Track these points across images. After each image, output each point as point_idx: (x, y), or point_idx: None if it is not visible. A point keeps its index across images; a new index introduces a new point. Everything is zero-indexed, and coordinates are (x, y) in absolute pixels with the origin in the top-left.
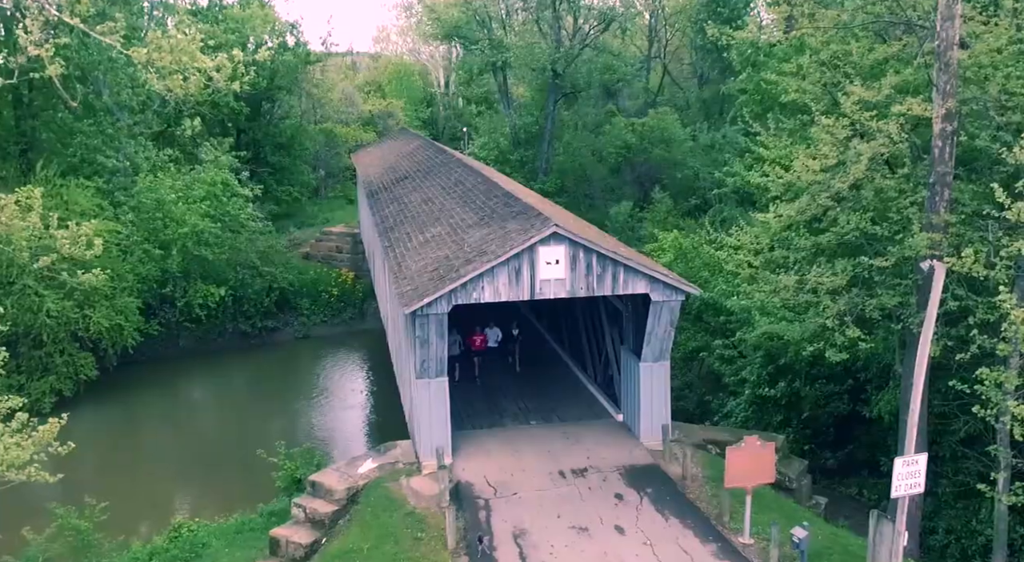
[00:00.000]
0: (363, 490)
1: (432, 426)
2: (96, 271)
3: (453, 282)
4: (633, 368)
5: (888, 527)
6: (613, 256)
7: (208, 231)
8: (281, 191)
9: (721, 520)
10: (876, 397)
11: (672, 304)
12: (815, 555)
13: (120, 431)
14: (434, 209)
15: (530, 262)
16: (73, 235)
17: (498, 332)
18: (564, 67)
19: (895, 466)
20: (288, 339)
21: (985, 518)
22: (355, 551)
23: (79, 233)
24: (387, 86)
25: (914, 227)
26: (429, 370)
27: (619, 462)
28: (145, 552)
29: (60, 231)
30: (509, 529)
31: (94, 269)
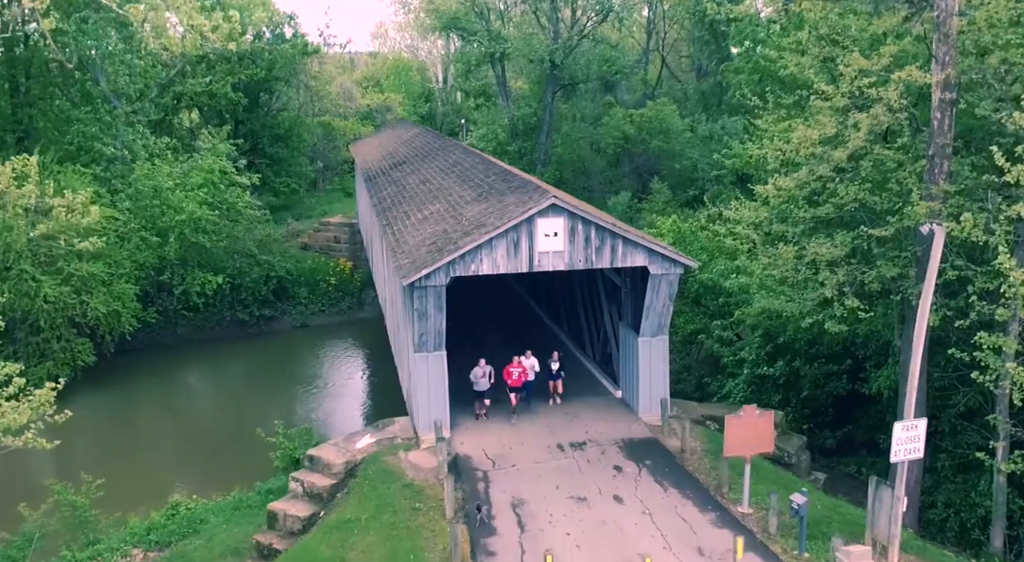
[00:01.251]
0: (361, 464)
1: (431, 400)
2: (93, 239)
3: (451, 254)
4: (632, 344)
5: (887, 493)
6: (612, 228)
7: (206, 218)
8: (279, 183)
9: (720, 491)
10: (875, 374)
11: (671, 277)
12: (814, 523)
13: (117, 417)
14: (432, 188)
15: (528, 234)
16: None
17: (535, 363)
18: (562, 58)
19: (894, 431)
20: (286, 328)
21: (984, 490)
22: (353, 521)
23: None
24: (385, 81)
25: (914, 196)
26: (427, 344)
27: (618, 436)
28: (143, 528)
29: (57, 199)
30: (507, 499)
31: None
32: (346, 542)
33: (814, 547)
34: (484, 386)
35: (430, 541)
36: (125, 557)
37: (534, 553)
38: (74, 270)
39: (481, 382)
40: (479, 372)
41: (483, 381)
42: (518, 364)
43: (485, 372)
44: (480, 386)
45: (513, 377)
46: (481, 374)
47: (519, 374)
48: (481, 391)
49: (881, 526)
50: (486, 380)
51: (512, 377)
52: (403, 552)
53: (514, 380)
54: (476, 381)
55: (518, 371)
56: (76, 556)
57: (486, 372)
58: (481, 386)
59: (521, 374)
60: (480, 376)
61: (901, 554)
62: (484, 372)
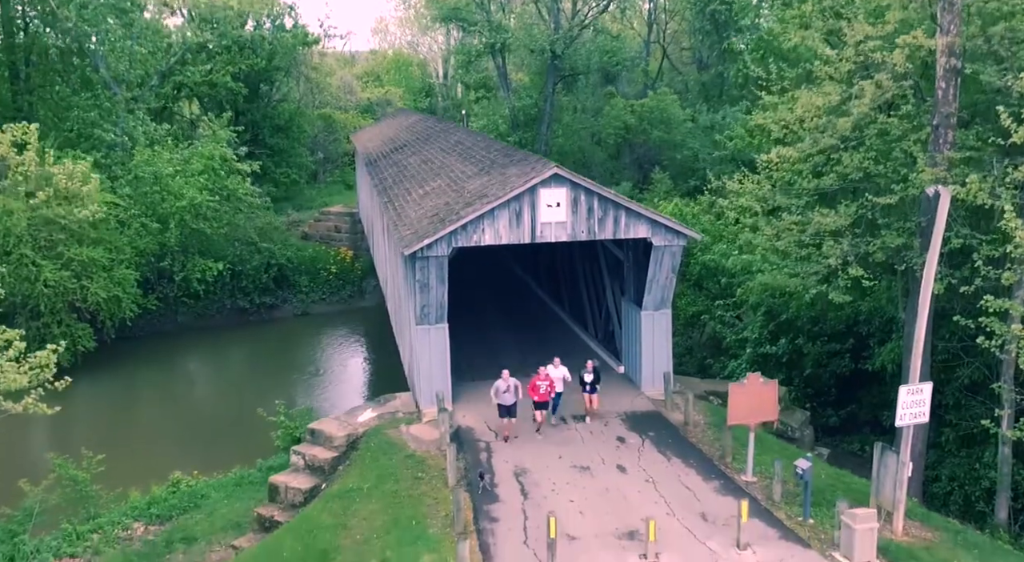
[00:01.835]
0: (363, 437)
1: (432, 372)
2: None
3: (453, 224)
4: (634, 318)
5: (892, 459)
6: (615, 199)
7: (206, 205)
8: (279, 173)
9: (724, 461)
10: (878, 351)
11: (674, 249)
12: (818, 491)
13: (117, 401)
14: (434, 167)
15: (531, 204)
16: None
17: (566, 373)
18: (563, 49)
19: (900, 395)
20: (287, 316)
21: (989, 462)
22: (355, 490)
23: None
24: (385, 76)
25: (919, 163)
26: (429, 316)
27: (620, 409)
28: (143, 502)
29: (56, 166)
30: (510, 468)
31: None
32: (348, 510)
33: (818, 514)
34: (509, 401)
35: (432, 508)
36: (126, 530)
37: (537, 518)
38: (74, 255)
39: (505, 397)
40: (502, 386)
41: (507, 396)
42: (545, 376)
43: (510, 386)
44: (505, 401)
45: (540, 391)
46: (505, 388)
47: (547, 387)
48: (507, 407)
49: (886, 492)
50: (511, 395)
51: (539, 391)
52: (405, 518)
53: (541, 394)
54: (499, 396)
55: (545, 384)
56: (77, 529)
57: (511, 386)
58: (506, 401)
59: (549, 387)
60: (504, 390)
61: (906, 521)
62: (509, 386)
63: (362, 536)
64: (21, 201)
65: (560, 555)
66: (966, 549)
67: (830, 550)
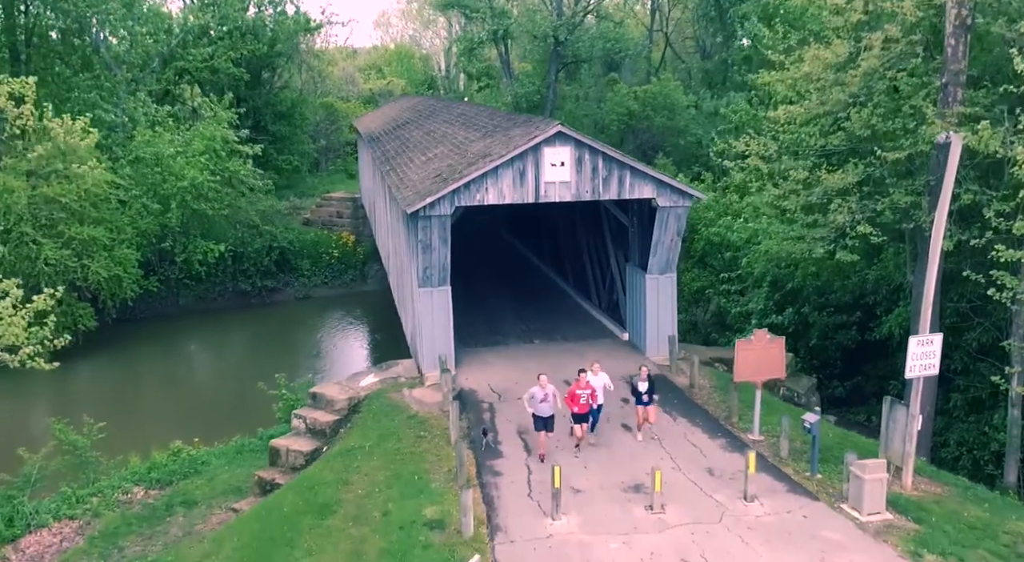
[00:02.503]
0: (364, 400)
1: (435, 336)
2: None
3: (456, 182)
4: (639, 282)
5: (901, 412)
6: (619, 158)
7: (207, 185)
8: (281, 160)
9: (730, 421)
10: (885, 319)
11: (679, 210)
12: (826, 449)
13: (119, 380)
14: (436, 136)
15: (535, 163)
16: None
17: (607, 380)
18: (566, 35)
19: (909, 346)
20: (288, 299)
21: (999, 424)
22: (357, 449)
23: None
24: (387, 69)
25: (928, 114)
26: (432, 278)
27: (625, 373)
28: (144, 468)
29: (56, 120)
30: (513, 428)
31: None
32: (349, 467)
33: (826, 469)
34: (546, 411)
35: (435, 464)
36: (126, 494)
37: (541, 473)
38: (75, 234)
39: (542, 407)
40: (538, 393)
41: (544, 405)
42: (586, 385)
43: (547, 393)
44: (541, 412)
45: (580, 401)
46: (541, 396)
47: (587, 397)
48: (543, 419)
49: (895, 447)
50: (548, 404)
51: (579, 401)
52: (407, 474)
53: (581, 406)
54: (534, 405)
55: (586, 393)
56: (76, 493)
57: (548, 394)
58: (542, 412)
59: (590, 397)
60: (540, 399)
61: (914, 477)
62: (546, 393)
63: (363, 490)
64: (21, 179)
65: (565, 506)
66: (976, 503)
67: (839, 503)
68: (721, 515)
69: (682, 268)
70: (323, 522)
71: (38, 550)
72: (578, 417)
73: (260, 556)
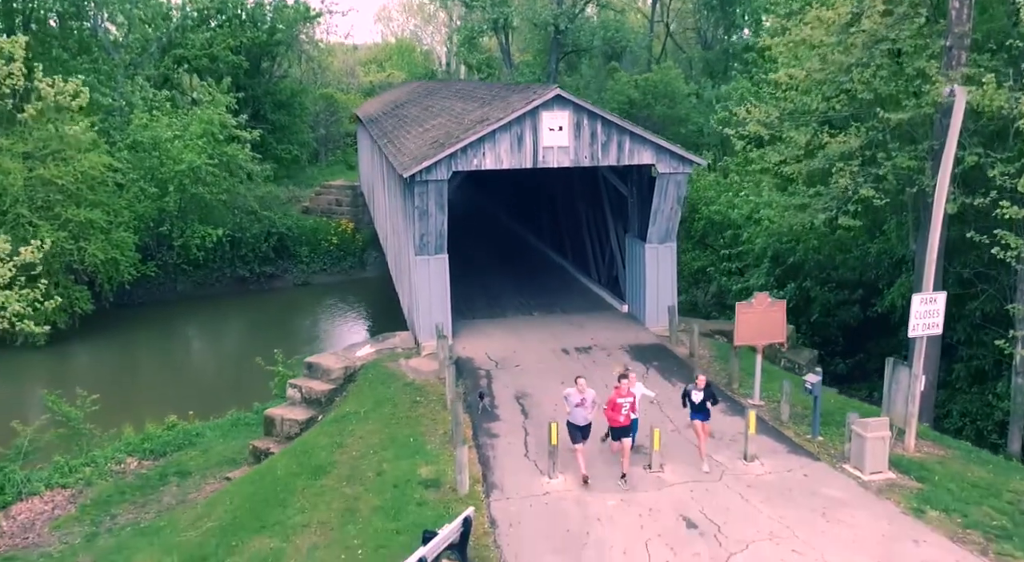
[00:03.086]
0: (360, 370)
1: (432, 304)
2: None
3: (453, 146)
4: (639, 253)
5: (904, 373)
6: (619, 123)
7: (205, 169)
8: (281, 149)
9: (730, 387)
10: (887, 292)
11: (679, 177)
12: (827, 414)
13: (115, 362)
14: (434, 111)
15: (533, 128)
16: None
17: (644, 389)
18: (567, 24)
19: (912, 304)
20: (287, 286)
21: (1003, 392)
22: (352, 414)
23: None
24: (388, 63)
25: (932, 74)
26: (429, 246)
27: (624, 342)
28: (138, 438)
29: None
30: (511, 392)
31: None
32: (344, 431)
33: (828, 432)
34: (583, 420)
35: (430, 428)
36: (119, 464)
37: (539, 435)
38: (71, 216)
39: (578, 414)
40: (575, 396)
41: (580, 411)
42: (627, 392)
43: (586, 398)
44: (577, 420)
45: (622, 412)
46: (578, 400)
47: (630, 407)
48: (579, 428)
49: (898, 408)
50: (585, 411)
51: (620, 412)
52: (403, 437)
53: (624, 418)
54: (573, 411)
55: (628, 402)
56: (69, 463)
57: (587, 399)
58: (578, 420)
59: (632, 407)
60: (577, 403)
61: (918, 440)
62: (583, 398)
63: (358, 452)
64: (18, 160)
65: (562, 464)
66: (980, 464)
67: (840, 463)
68: (721, 474)
69: (682, 249)
70: (317, 482)
71: (29, 517)
72: (619, 431)
73: (253, 516)
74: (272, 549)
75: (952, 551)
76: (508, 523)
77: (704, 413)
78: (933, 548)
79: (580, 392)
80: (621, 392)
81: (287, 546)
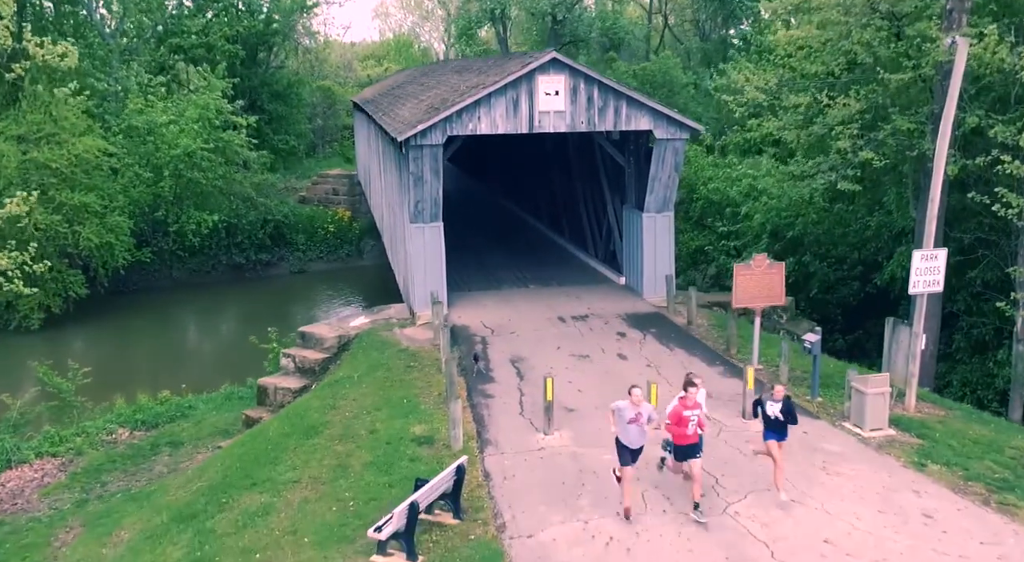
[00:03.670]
0: (355, 339)
1: (427, 273)
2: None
3: (447, 110)
4: (636, 223)
5: (904, 332)
6: (616, 87)
7: (200, 154)
8: (277, 140)
9: (728, 352)
10: (887, 265)
11: (676, 144)
12: (826, 376)
13: (109, 346)
14: (430, 85)
15: (528, 92)
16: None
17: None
18: (564, 14)
19: (913, 261)
20: (283, 273)
21: (1003, 359)
22: (345, 378)
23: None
24: (385, 58)
25: (932, 32)
26: (424, 213)
27: (622, 311)
28: (129, 409)
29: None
30: (506, 357)
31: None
32: (337, 394)
33: (827, 393)
34: (637, 440)
35: (424, 390)
36: (110, 435)
37: (534, 395)
38: (66, 199)
39: (632, 431)
40: (628, 411)
41: (635, 429)
42: (694, 403)
43: (642, 413)
44: (631, 439)
45: (689, 426)
46: (632, 415)
47: (697, 420)
48: (631, 450)
49: (898, 368)
50: (639, 428)
51: (687, 426)
52: (396, 398)
53: (690, 434)
54: (620, 426)
55: (696, 415)
56: (59, 434)
57: (644, 413)
58: (632, 439)
59: (699, 420)
60: (631, 418)
61: (918, 402)
62: (640, 413)
63: (351, 413)
64: (12, 143)
65: (558, 422)
66: (981, 424)
67: (840, 421)
68: (719, 430)
69: (680, 229)
70: (308, 441)
71: (18, 484)
72: (686, 450)
73: (243, 475)
74: (262, 503)
75: (954, 501)
76: (502, 476)
77: (780, 432)
78: (934, 499)
79: (635, 405)
80: (687, 403)
81: (277, 500)
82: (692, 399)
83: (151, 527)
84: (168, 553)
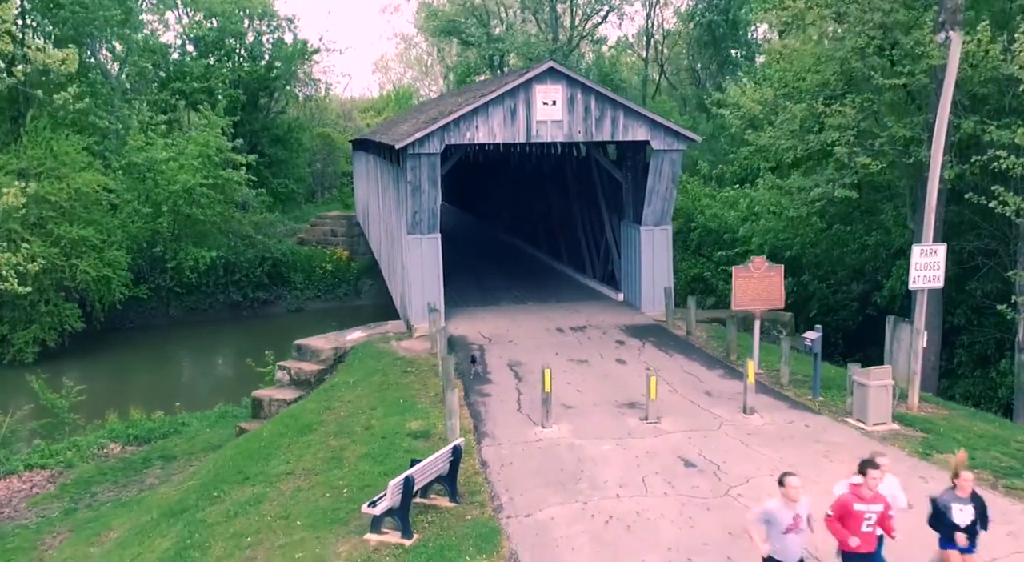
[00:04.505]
0: (351, 350)
1: (424, 284)
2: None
3: (445, 118)
4: (634, 237)
5: (906, 330)
6: (612, 97)
7: (199, 190)
8: (277, 183)
9: (727, 358)
10: (886, 283)
11: (673, 155)
12: (826, 380)
13: (104, 380)
14: (429, 108)
15: (526, 101)
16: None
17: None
18: (562, 59)
19: (912, 255)
20: (280, 312)
21: (1005, 369)
22: (341, 384)
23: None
24: (385, 110)
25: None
26: (421, 225)
27: (620, 323)
28: (122, 425)
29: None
30: (504, 362)
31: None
32: (333, 397)
33: (828, 394)
34: (796, 553)
35: (420, 391)
36: (101, 449)
37: (532, 394)
38: (64, 233)
39: (789, 543)
40: (783, 514)
41: (794, 540)
42: (874, 495)
43: (800, 515)
44: (788, 553)
45: (863, 526)
46: (789, 520)
47: (877, 519)
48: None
49: (900, 367)
50: (799, 535)
51: (860, 527)
52: (392, 399)
53: (864, 534)
54: (771, 533)
55: (875, 513)
56: (50, 448)
57: (802, 514)
58: (790, 553)
59: (879, 520)
60: (787, 526)
61: (921, 403)
62: (796, 514)
63: (346, 413)
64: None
65: (556, 417)
66: (985, 421)
67: (842, 417)
68: (720, 424)
69: (679, 257)
70: (302, 438)
71: (6, 494)
72: (859, 560)
73: (235, 471)
74: (254, 494)
75: None
76: (500, 464)
77: (970, 544)
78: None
79: (790, 503)
80: (861, 493)
81: (270, 491)
82: (871, 486)
83: (140, 524)
84: (157, 545)
